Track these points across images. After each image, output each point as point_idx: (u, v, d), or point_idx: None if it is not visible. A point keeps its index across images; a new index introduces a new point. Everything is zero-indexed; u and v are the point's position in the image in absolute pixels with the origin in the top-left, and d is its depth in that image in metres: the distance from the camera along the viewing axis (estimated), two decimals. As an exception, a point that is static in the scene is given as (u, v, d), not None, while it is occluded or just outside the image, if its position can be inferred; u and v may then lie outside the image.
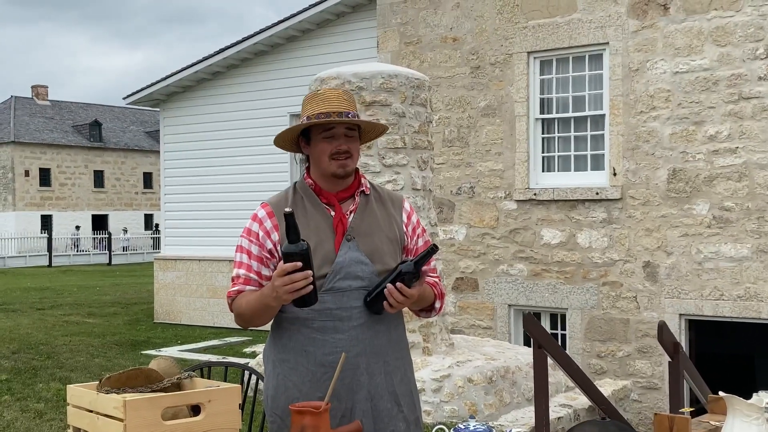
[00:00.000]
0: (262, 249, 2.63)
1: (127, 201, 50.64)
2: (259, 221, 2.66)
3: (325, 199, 2.65)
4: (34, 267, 34.12)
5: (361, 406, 2.58)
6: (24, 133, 46.25)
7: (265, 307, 2.52)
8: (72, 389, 2.50)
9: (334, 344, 2.57)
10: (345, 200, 2.67)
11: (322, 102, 2.61)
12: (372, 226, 2.65)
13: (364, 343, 2.58)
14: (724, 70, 8.29)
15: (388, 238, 2.66)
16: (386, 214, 2.70)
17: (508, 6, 9.54)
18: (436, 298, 2.73)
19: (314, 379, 2.59)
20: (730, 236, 8.28)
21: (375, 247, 2.62)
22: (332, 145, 2.61)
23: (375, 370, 2.60)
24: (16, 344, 10.94)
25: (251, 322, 2.62)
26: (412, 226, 2.75)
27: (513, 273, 9.48)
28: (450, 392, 6.34)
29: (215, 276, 13.61)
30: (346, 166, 2.62)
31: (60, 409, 7.12)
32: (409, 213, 2.76)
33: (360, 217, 2.65)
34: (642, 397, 8.66)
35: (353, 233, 2.62)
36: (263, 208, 2.69)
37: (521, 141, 9.42)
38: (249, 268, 2.63)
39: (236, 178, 13.38)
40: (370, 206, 2.69)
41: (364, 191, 2.70)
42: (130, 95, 14.52)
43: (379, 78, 6.97)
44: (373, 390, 2.59)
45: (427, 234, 2.82)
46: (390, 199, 2.76)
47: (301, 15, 12.21)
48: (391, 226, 2.69)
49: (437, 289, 2.73)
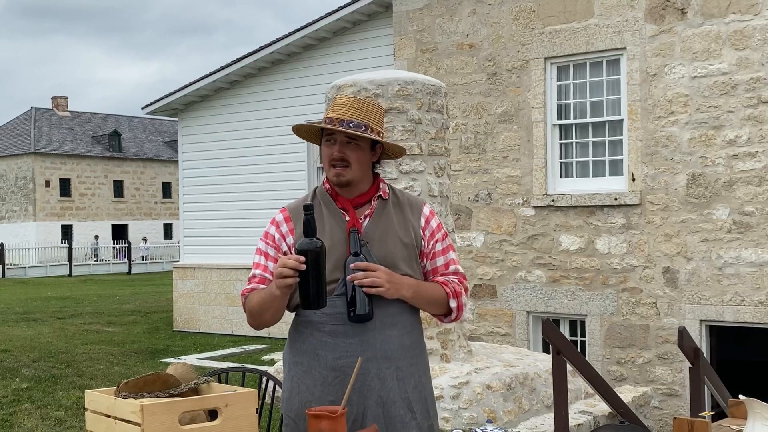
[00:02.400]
0: (278, 251, 2.67)
1: (147, 210, 50.93)
2: (276, 224, 2.71)
3: (341, 204, 2.65)
4: (54, 276, 34.37)
5: (372, 411, 2.57)
6: (44, 143, 46.67)
7: (270, 297, 2.53)
8: (90, 394, 2.52)
9: (345, 348, 2.57)
10: (361, 205, 2.66)
11: (333, 107, 2.65)
12: (386, 231, 2.64)
13: (375, 348, 2.57)
14: (743, 74, 8.24)
15: (403, 242, 2.64)
16: (402, 218, 2.68)
17: (524, 12, 9.53)
18: (449, 297, 2.67)
19: (325, 382, 2.59)
20: (750, 241, 8.21)
21: (388, 252, 2.61)
22: (331, 150, 2.62)
23: (387, 375, 2.58)
24: (36, 353, 11.01)
25: (260, 316, 2.62)
26: (430, 230, 2.72)
27: (531, 279, 9.44)
28: (468, 399, 6.32)
29: (234, 284, 13.64)
30: (340, 175, 2.60)
31: (80, 417, 7.16)
32: (428, 217, 2.73)
33: (375, 222, 2.65)
34: (662, 403, 8.59)
35: (367, 238, 2.61)
36: (281, 212, 2.73)
37: (539, 147, 9.40)
38: (265, 269, 2.67)
39: (254, 186, 13.42)
40: (386, 211, 2.67)
41: (382, 196, 2.69)
42: (149, 105, 14.61)
43: (395, 85, 6.98)
44: (384, 396, 2.57)
45: (449, 239, 2.78)
46: (409, 203, 2.74)
47: (318, 24, 12.25)
48: (406, 230, 2.67)
49: (449, 288, 2.67)
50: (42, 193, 45.79)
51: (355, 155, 2.61)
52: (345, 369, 2.57)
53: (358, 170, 2.63)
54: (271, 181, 13.18)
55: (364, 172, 2.66)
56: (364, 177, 2.67)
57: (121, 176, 49.70)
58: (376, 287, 2.49)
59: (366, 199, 2.67)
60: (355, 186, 2.66)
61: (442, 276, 2.71)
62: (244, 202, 13.55)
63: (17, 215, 45.98)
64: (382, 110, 2.73)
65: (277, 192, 13.00)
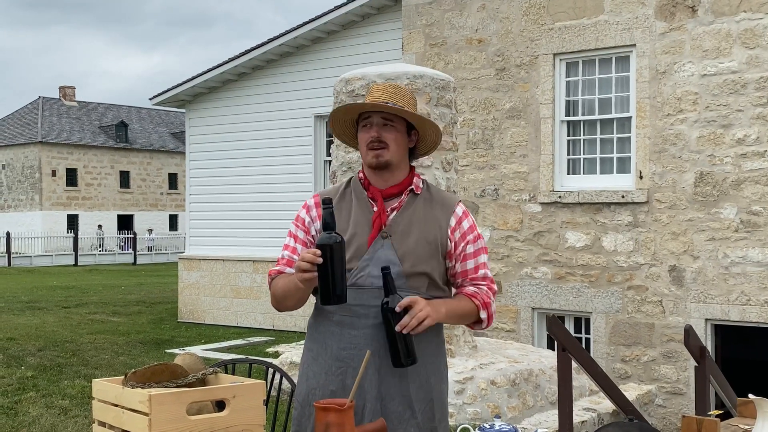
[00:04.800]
0: (307, 234, 2.68)
1: (153, 201, 51.01)
2: (307, 208, 2.72)
3: (371, 194, 2.63)
4: (60, 266, 34.46)
5: (371, 405, 2.55)
6: (51, 133, 46.74)
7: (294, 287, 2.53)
8: (98, 383, 2.52)
9: (350, 340, 2.57)
10: (392, 197, 2.64)
11: (369, 94, 2.65)
12: (411, 226, 2.60)
13: (380, 342, 2.54)
14: (753, 73, 8.20)
15: (426, 240, 2.60)
16: (431, 215, 2.64)
17: (534, 7, 9.50)
18: (479, 309, 2.64)
19: (329, 371, 2.60)
20: (757, 241, 8.18)
21: (410, 248, 2.58)
22: (368, 134, 2.60)
23: (388, 371, 2.55)
24: (41, 342, 11.04)
25: (283, 301, 2.64)
26: (461, 232, 2.65)
27: (537, 276, 9.43)
28: (473, 394, 6.32)
29: (239, 276, 13.66)
30: (379, 156, 2.58)
31: (84, 406, 7.18)
32: (459, 218, 2.66)
33: (401, 215, 2.61)
34: (667, 402, 8.58)
35: (390, 231, 2.59)
36: (314, 197, 2.73)
37: (546, 143, 9.38)
38: (294, 251, 2.67)
39: (260, 179, 13.43)
40: (415, 206, 2.63)
41: (414, 190, 2.66)
42: (156, 96, 14.62)
43: (404, 79, 6.96)
44: (384, 391, 2.55)
45: (482, 241, 2.71)
46: (441, 201, 2.69)
47: (326, 17, 12.23)
48: (432, 228, 2.62)
49: (478, 300, 2.63)
50: (48, 183, 45.88)
51: (392, 136, 2.59)
52: (348, 360, 2.56)
53: (396, 151, 2.60)
54: (278, 173, 13.18)
55: (402, 155, 2.63)
56: (401, 163, 2.64)
57: (128, 167, 49.76)
58: (423, 323, 2.46)
59: (398, 190, 2.64)
60: (391, 173, 2.63)
61: (471, 281, 2.67)
62: (250, 194, 13.56)
63: (23, 204, 46.09)
64: (415, 99, 2.72)
65: (283, 185, 13.01)
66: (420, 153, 2.73)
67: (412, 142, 2.67)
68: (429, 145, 2.73)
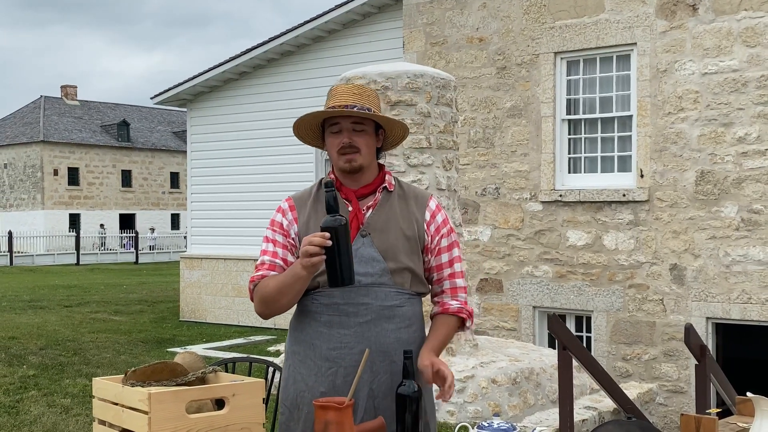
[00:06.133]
0: (286, 237, 2.66)
1: (154, 200, 51.04)
2: (282, 212, 2.70)
3: (345, 194, 2.64)
4: (62, 265, 34.48)
5: (363, 403, 2.55)
6: (53, 132, 46.78)
7: (293, 279, 2.49)
8: (98, 382, 2.52)
9: (339, 339, 2.57)
10: (365, 196, 2.65)
11: (332, 97, 2.63)
12: (389, 222, 2.62)
13: (370, 340, 2.55)
14: (754, 71, 8.20)
15: (405, 235, 2.62)
16: (407, 211, 2.66)
17: (534, 6, 9.50)
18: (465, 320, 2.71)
19: (319, 372, 2.59)
20: (758, 239, 8.18)
21: (390, 244, 2.60)
22: (338, 139, 2.60)
23: (380, 369, 2.56)
24: (43, 340, 11.06)
25: (277, 301, 2.57)
26: (435, 225, 2.69)
27: (538, 275, 9.44)
28: (474, 393, 6.32)
29: (240, 275, 13.67)
30: (352, 161, 2.59)
31: (86, 405, 7.19)
32: (433, 211, 2.70)
33: (378, 212, 2.63)
34: (668, 400, 8.58)
35: (368, 229, 2.60)
36: (286, 201, 2.72)
37: (547, 142, 9.38)
38: (274, 255, 2.64)
39: (262, 177, 13.43)
40: (390, 203, 2.66)
41: (387, 188, 2.68)
42: (158, 95, 14.63)
43: (404, 77, 6.97)
44: (376, 388, 2.56)
45: (455, 234, 2.75)
46: (414, 196, 2.71)
47: (327, 15, 12.24)
48: (410, 223, 2.64)
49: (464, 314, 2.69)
50: (50, 182, 45.91)
51: (363, 140, 2.60)
52: (338, 360, 2.56)
53: (368, 155, 2.62)
54: (279, 172, 13.19)
55: (372, 158, 2.66)
56: (371, 164, 2.66)
57: (130, 166, 49.79)
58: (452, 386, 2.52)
59: (371, 189, 2.66)
60: (362, 174, 2.65)
61: (449, 278, 2.70)
62: (251, 193, 13.56)
63: (25, 203, 46.13)
64: (378, 97, 2.72)
65: (284, 183, 13.00)
66: (385, 149, 2.75)
67: (380, 142, 2.69)
68: (395, 142, 2.76)
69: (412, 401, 2.36)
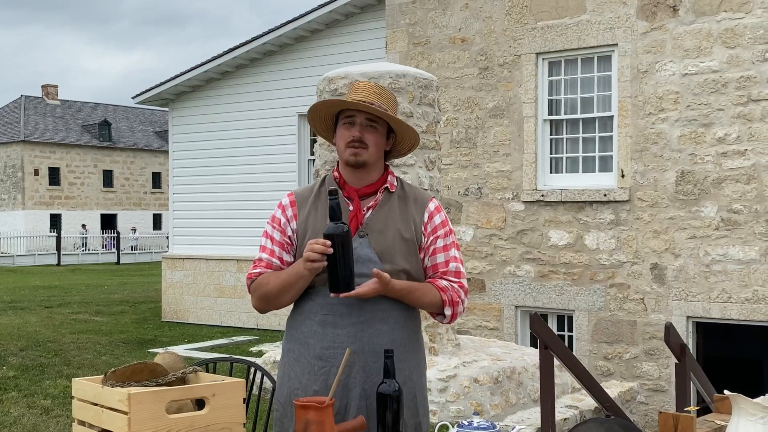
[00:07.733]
0: (283, 235, 2.68)
1: (136, 201, 50.78)
2: (282, 208, 2.71)
3: (347, 193, 2.65)
4: (42, 265, 34.24)
5: (356, 404, 2.56)
6: (34, 132, 46.43)
7: (296, 277, 2.54)
8: (77, 383, 2.52)
9: (333, 339, 2.58)
10: (367, 196, 2.66)
11: (354, 91, 2.66)
12: (387, 224, 2.63)
13: (363, 341, 2.56)
14: (734, 72, 8.27)
15: (403, 237, 2.62)
16: (407, 213, 2.66)
17: (516, 7, 9.54)
18: (445, 305, 2.64)
19: (312, 371, 2.60)
20: (738, 239, 8.25)
21: (387, 245, 2.60)
22: (350, 131, 2.62)
23: (372, 369, 2.56)
24: (24, 341, 10.98)
25: (278, 297, 2.61)
26: (432, 226, 2.67)
27: (520, 274, 9.47)
28: (456, 392, 6.34)
29: (223, 275, 13.63)
30: (358, 155, 2.61)
31: (67, 406, 7.15)
32: (431, 213, 2.69)
33: (377, 213, 2.64)
34: (648, 399, 8.64)
35: (366, 230, 2.61)
36: (288, 196, 2.73)
37: (529, 142, 9.41)
38: (272, 253, 2.67)
39: (244, 177, 13.40)
40: (390, 203, 2.66)
41: (389, 188, 2.68)
42: (140, 94, 14.56)
43: (387, 78, 6.97)
44: (369, 389, 2.56)
45: (453, 236, 2.72)
46: (414, 197, 2.71)
47: (310, 15, 12.23)
48: (408, 224, 2.64)
49: (447, 296, 2.63)
50: (31, 182, 45.57)
51: (373, 138, 2.62)
52: (331, 359, 2.57)
53: (375, 153, 2.63)
54: (262, 172, 13.17)
55: (378, 157, 2.66)
56: (376, 163, 2.67)
57: (111, 166, 49.50)
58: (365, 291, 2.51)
59: (373, 189, 2.66)
60: (367, 172, 2.65)
61: (443, 277, 2.66)
62: (234, 193, 13.53)
63: (6, 203, 45.76)
64: (397, 101, 2.74)
65: (267, 183, 12.99)
66: (393, 156, 2.76)
67: (389, 146, 2.70)
68: (404, 150, 2.77)
69: (393, 400, 2.36)
